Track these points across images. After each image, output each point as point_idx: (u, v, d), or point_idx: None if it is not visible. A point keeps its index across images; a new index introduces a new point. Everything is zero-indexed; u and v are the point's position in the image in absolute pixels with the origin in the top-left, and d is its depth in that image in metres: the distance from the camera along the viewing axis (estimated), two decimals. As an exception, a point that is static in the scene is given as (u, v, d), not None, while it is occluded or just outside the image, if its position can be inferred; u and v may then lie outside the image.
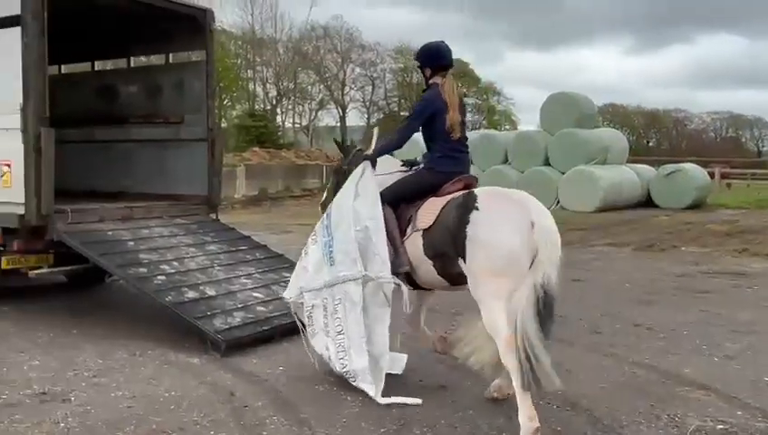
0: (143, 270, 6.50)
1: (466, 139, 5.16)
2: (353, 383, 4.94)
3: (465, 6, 70.46)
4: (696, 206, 20.46)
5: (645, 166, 23.46)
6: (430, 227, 4.69)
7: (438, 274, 4.74)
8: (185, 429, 4.32)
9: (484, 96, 53.17)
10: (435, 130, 5.01)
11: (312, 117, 49.96)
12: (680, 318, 7.39)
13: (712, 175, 24.82)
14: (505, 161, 22.14)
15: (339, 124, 49.57)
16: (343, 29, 48.42)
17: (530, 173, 21.17)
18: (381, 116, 53.23)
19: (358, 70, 50.26)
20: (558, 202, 20.50)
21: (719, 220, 17.20)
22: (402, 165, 5.35)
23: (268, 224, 16.86)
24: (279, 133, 42.07)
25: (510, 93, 54.84)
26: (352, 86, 50.47)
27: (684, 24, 75.79)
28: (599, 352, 6.10)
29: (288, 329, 6.34)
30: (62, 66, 10.08)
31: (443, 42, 5.22)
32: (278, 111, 46.90)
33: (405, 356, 5.34)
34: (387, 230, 4.86)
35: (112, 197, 8.61)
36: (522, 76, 72.86)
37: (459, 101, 5.03)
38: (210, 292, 6.46)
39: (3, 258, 6.97)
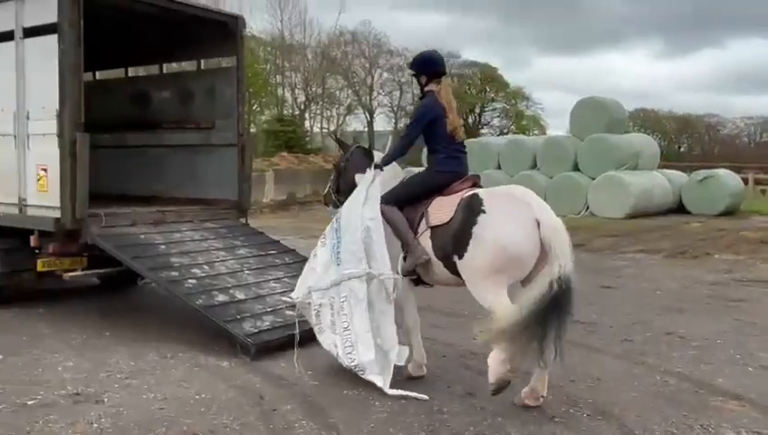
0: (174, 273, 6.58)
1: (463, 142, 5.44)
2: (362, 376, 5.12)
3: (492, 11, 70.04)
4: (729, 212, 20.09)
5: (677, 172, 23.11)
6: (444, 224, 4.95)
7: (446, 267, 4.99)
8: (215, 431, 4.37)
9: (513, 101, 52.88)
10: (437, 133, 5.24)
11: (340, 122, 50.10)
12: (713, 327, 7.27)
13: (746, 181, 24.33)
14: (534, 167, 21.98)
15: (366, 129, 49.63)
16: (371, 34, 48.55)
17: (559, 179, 20.98)
18: (409, 121, 53.25)
19: (385, 75, 50.25)
20: (587, 208, 20.29)
21: (753, 227, 16.86)
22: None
23: (296, 228, 16.96)
24: (307, 138, 42.26)
25: (538, 98, 54.46)
26: (380, 91, 50.47)
27: (714, 29, 74.49)
28: (629, 361, 6.03)
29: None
30: (97, 72, 10.28)
31: (435, 51, 5.76)
32: (306, 115, 47.16)
33: (407, 348, 5.45)
34: (398, 229, 5.11)
35: (145, 201, 8.74)
36: (550, 81, 72.19)
37: (456, 105, 5.35)
38: (240, 295, 6.52)
39: (38, 261, 7.12)
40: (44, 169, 6.94)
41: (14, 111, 7.16)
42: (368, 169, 5.37)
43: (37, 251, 7.17)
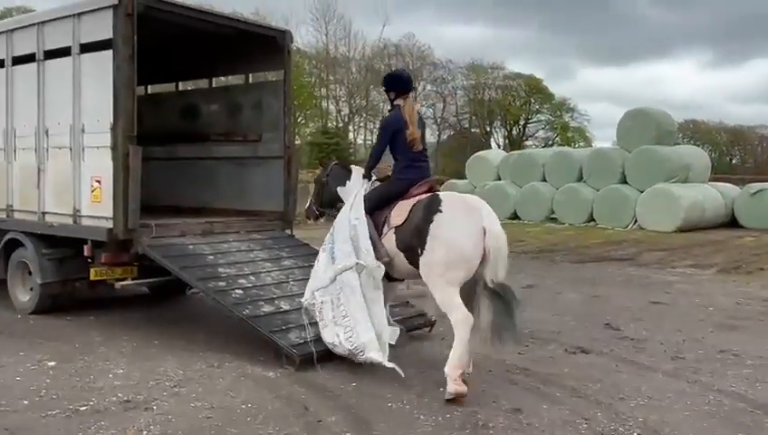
0: (222, 284, 6.67)
1: (426, 150, 6.10)
2: (362, 358, 5.65)
3: (535, 22, 69.47)
4: (783, 226, 19.49)
5: (728, 184, 22.52)
6: (402, 224, 5.63)
7: (409, 263, 5.64)
8: (261, 441, 4.40)
9: (558, 113, 52.34)
10: (398, 144, 5.88)
11: (384, 133, 50.36)
12: (769, 345, 7.04)
13: (802, 194, 23.54)
14: (580, 179, 21.69)
15: (410, 141, 49.77)
16: (415, 47, 48.74)
17: (606, 191, 20.66)
18: (452, 133, 53.16)
19: (429, 87, 50.41)
20: (635, 221, 19.91)
21: (810, 242, 16.31)
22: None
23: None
24: (351, 150, 42.53)
25: (583, 109, 53.66)
26: (423, 103, 50.58)
27: (764, 37, 72.42)
28: (681, 379, 5.87)
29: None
30: (149, 86, 10.55)
31: (404, 70, 6.73)
32: (350, 127, 47.52)
33: (398, 327, 6.06)
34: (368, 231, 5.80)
35: (194, 212, 8.91)
36: (595, 92, 71.16)
37: (419, 119, 5.97)
38: (285, 306, 6.57)
39: (92, 270, 7.30)
40: (98, 181, 7.13)
41: (70, 125, 7.38)
42: (347, 182, 6.31)
43: (90, 260, 7.36)
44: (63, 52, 7.47)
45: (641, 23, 68.29)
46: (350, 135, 46.99)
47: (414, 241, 5.48)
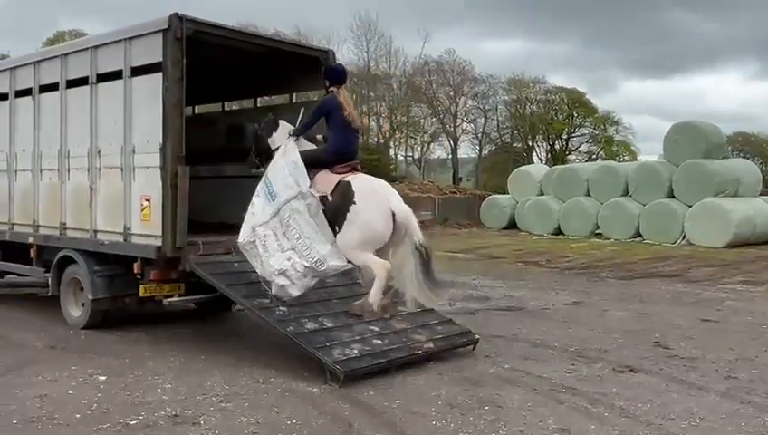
0: (266, 301, 6.74)
1: (358, 130, 7.31)
2: (322, 268, 6.44)
3: (574, 36, 68.87)
4: (840, 241, 18.83)
5: (781, 198, 21.89)
6: (325, 197, 6.62)
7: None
8: (306, 458, 4.42)
9: (601, 126, 51.61)
10: (333, 122, 6.92)
11: (425, 149, 50.37)
12: (827, 365, 6.79)
13: None
14: (626, 193, 21.34)
15: (451, 156, 49.65)
16: (456, 63, 48.72)
17: (653, 206, 20.28)
18: (493, 147, 52.84)
19: (470, 102, 50.28)
20: (684, 237, 19.47)
21: None
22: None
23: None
24: (392, 166, 42.67)
25: (627, 123, 52.80)
26: (464, 118, 50.49)
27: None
28: (735, 399, 5.70)
29: (404, 363, 6.43)
30: (196, 107, 10.80)
31: (341, 65, 7.70)
32: (391, 144, 47.68)
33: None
34: None
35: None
36: (638, 104, 70.16)
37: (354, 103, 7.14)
38: (329, 323, 6.62)
39: (141, 286, 7.47)
40: (148, 200, 7.31)
41: (121, 145, 7.59)
42: (273, 133, 7.26)
43: (140, 277, 7.53)
44: (115, 75, 7.70)
45: (684, 34, 67.28)
46: (392, 151, 47.14)
47: (333, 219, 6.58)
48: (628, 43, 67.94)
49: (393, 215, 6.46)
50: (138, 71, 7.46)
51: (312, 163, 6.79)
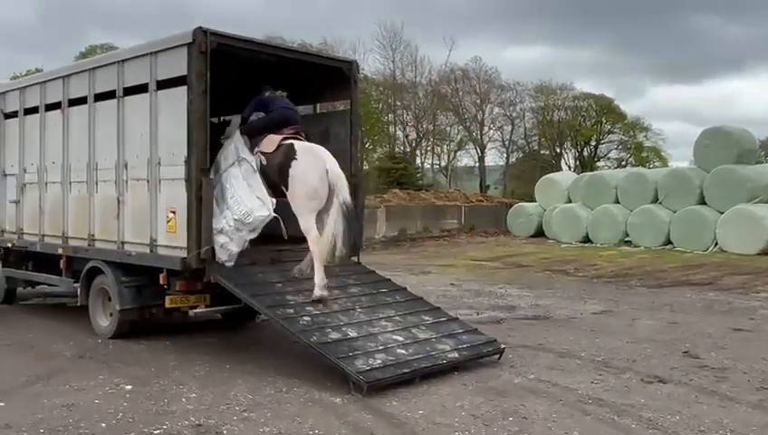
0: (290, 311, 6.78)
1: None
2: (249, 221, 7.27)
3: (600, 42, 68.12)
4: None
5: (817, 204, 21.34)
6: (270, 153, 7.61)
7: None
8: (327, 469, 4.41)
9: (631, 132, 50.99)
10: (268, 103, 8.15)
11: (451, 158, 50.25)
12: None
13: None
14: (656, 200, 21.03)
15: (478, 164, 49.46)
16: (482, 70, 48.58)
17: (684, 213, 19.95)
18: (521, 155, 52.51)
19: (497, 110, 50.06)
20: (716, 244, 19.11)
21: None
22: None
23: (407, 265, 17.06)
24: (419, 174, 42.62)
25: (657, 129, 52.02)
26: (491, 126, 50.29)
27: None
28: (767, 411, 5.56)
29: (429, 373, 6.39)
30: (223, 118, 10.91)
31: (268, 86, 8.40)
32: (417, 152, 47.67)
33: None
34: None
35: (266, 239, 9.08)
36: (667, 110, 68.86)
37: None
38: (352, 333, 6.61)
39: (167, 297, 7.55)
40: (173, 212, 7.39)
41: (147, 158, 7.70)
42: (227, 128, 8.47)
43: (166, 288, 7.61)
44: (141, 88, 7.82)
45: (712, 38, 66.23)
46: (418, 159, 47.12)
47: (278, 178, 7.46)
48: (655, 47, 67.03)
49: (327, 173, 7.34)
50: (163, 84, 7.56)
51: (264, 128, 7.94)
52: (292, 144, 7.54)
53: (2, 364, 7.10)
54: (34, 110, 9.56)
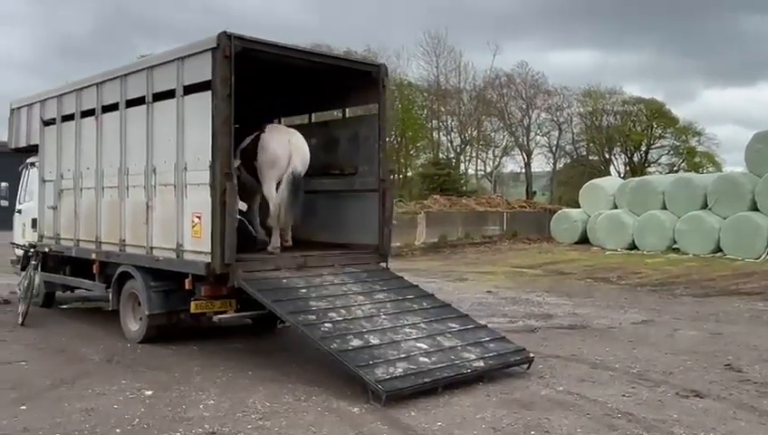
0: (312, 317, 6.68)
1: None
2: None
3: (649, 45, 66.31)
4: None
5: None
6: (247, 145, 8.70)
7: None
8: (335, 481, 4.27)
9: (683, 137, 49.58)
10: None
11: (496, 163, 49.70)
12: None
13: None
14: (704, 206, 20.29)
15: (524, 170, 48.81)
16: (529, 75, 47.95)
17: (734, 219, 19.20)
18: (568, 161, 51.61)
19: (543, 115, 49.33)
20: (769, 251, 18.31)
21: None
22: None
23: (445, 271, 16.84)
24: (462, 180, 42.27)
25: (710, 133, 50.39)
26: (538, 131, 49.56)
27: None
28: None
29: (451, 383, 6.20)
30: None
31: None
32: (462, 158, 47.32)
33: None
34: None
35: (297, 244, 9.06)
36: (719, 114, 66.50)
37: None
38: (374, 341, 6.47)
39: (192, 303, 7.54)
40: (198, 217, 7.39)
41: (174, 163, 7.73)
42: None
43: (191, 293, 7.60)
44: (169, 94, 7.86)
45: (765, 39, 63.85)
46: (462, 165, 46.72)
47: (250, 154, 8.52)
48: (706, 49, 65.07)
49: (289, 143, 8.31)
50: (189, 89, 7.59)
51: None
52: (262, 129, 8.67)
53: (32, 367, 7.19)
54: (71, 117, 9.72)
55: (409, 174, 43.48)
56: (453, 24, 62.26)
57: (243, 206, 8.76)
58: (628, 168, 49.22)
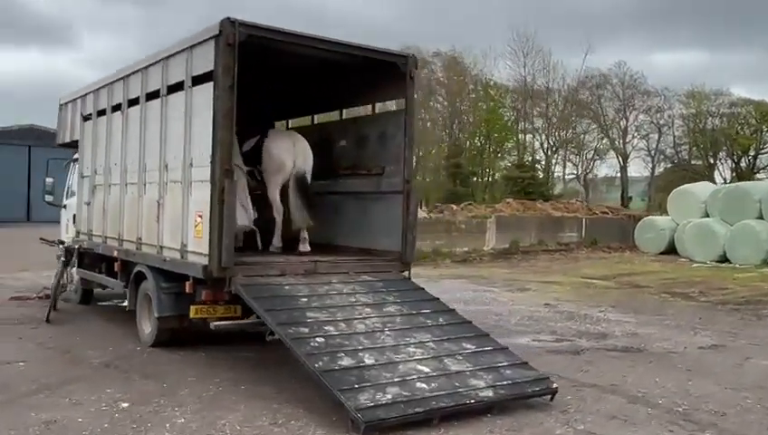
0: (304, 330, 6.06)
1: None
2: None
3: (759, 44, 61.40)
4: None
5: None
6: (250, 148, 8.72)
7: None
8: None
9: (801, 143, 45.60)
10: None
11: (589, 167, 47.43)
12: None
13: None
14: (760, 216, 18.28)
15: (619, 174, 46.36)
16: (626, 75, 45.48)
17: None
18: (668, 165, 48.68)
19: (641, 117, 46.68)
20: None
21: None
22: None
23: (508, 279, 15.82)
24: (548, 184, 40.54)
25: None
26: (635, 134, 46.94)
27: None
28: None
29: (449, 414, 5.41)
30: (290, 121, 10.50)
31: None
32: (552, 161, 45.48)
33: None
34: None
35: (321, 248, 8.52)
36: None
37: None
38: (368, 360, 5.77)
39: (192, 307, 7.09)
40: (200, 216, 6.93)
41: (182, 159, 7.32)
42: None
43: (192, 297, 7.16)
44: (180, 86, 7.46)
45: None
46: (552, 168, 44.86)
47: (254, 158, 8.55)
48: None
49: (293, 147, 8.41)
50: (196, 80, 7.15)
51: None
52: (266, 133, 8.75)
53: (27, 369, 6.96)
54: (103, 112, 9.56)
55: (495, 177, 42.19)
56: (541, 24, 59.95)
57: (252, 213, 8.43)
58: (734, 173, 45.87)
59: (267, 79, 9.03)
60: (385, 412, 5.14)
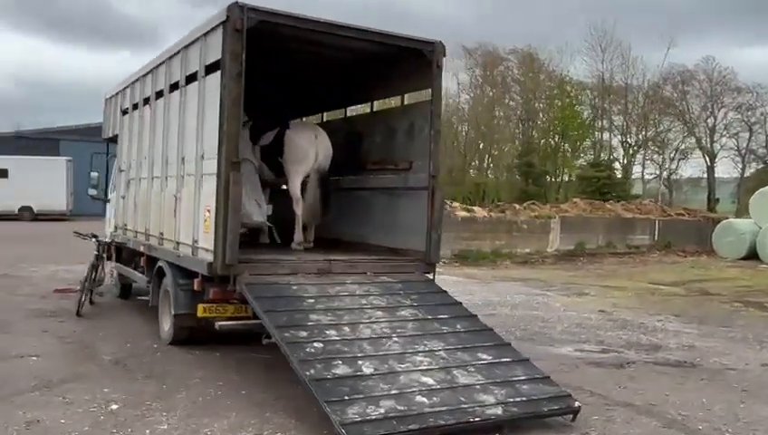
0: (303, 334, 5.64)
1: None
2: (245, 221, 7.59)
3: None
4: None
5: None
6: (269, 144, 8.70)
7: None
8: None
9: None
10: None
11: (674, 166, 45.07)
12: None
13: None
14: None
15: (706, 175, 43.83)
16: (715, 71, 42.92)
17: None
18: (760, 166, 45.70)
19: (731, 114, 43.96)
20: None
21: None
22: None
23: (568, 283, 14.95)
24: (626, 184, 38.71)
25: None
26: (724, 133, 44.26)
27: None
28: None
29: (449, 432, 4.88)
30: (324, 114, 10.15)
31: None
32: (633, 160, 43.50)
33: None
34: None
35: (349, 246, 8.16)
36: None
37: None
38: (367, 369, 5.30)
39: (199, 305, 6.81)
40: (209, 211, 6.65)
41: (195, 151, 7.06)
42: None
43: (201, 295, 6.88)
44: (195, 76, 7.22)
45: None
46: (633, 168, 42.87)
47: (275, 149, 8.44)
48: None
49: (316, 139, 8.26)
50: (209, 69, 6.88)
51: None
52: (287, 125, 8.57)
53: (37, 364, 6.86)
54: (136, 105, 9.49)
55: (570, 176, 40.71)
56: (620, 19, 57.47)
57: (266, 208, 8.45)
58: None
59: (282, 69, 8.72)
60: (373, 429, 4.65)
